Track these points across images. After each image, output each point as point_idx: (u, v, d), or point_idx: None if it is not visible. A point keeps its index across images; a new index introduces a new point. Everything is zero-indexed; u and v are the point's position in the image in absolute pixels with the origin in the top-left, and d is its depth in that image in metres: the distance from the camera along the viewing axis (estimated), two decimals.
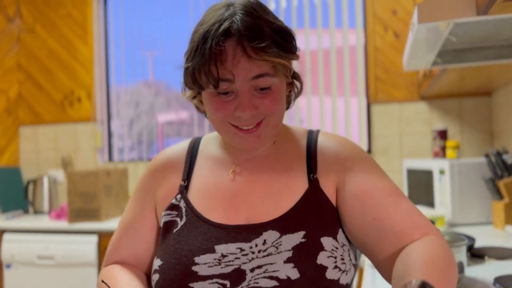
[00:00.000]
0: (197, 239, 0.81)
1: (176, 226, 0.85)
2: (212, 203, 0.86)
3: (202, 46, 0.76)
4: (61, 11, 3.31)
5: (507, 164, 1.85)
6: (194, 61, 0.77)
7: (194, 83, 0.80)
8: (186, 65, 0.80)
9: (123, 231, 0.93)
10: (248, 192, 0.86)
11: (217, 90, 0.78)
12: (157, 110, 3.28)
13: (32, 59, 3.36)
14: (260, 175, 0.87)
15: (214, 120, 0.83)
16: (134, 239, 0.92)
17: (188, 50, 0.81)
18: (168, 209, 0.88)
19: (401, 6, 2.72)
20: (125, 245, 0.92)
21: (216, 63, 0.75)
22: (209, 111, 0.82)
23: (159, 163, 0.95)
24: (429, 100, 2.68)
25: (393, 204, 0.79)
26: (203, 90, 0.81)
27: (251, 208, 0.84)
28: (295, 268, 0.76)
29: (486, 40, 1.33)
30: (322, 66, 2.89)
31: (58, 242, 2.45)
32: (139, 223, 0.92)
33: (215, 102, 0.80)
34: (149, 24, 3.24)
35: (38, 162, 3.35)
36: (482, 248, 1.49)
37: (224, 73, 0.76)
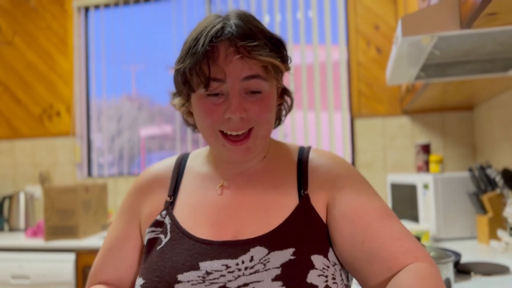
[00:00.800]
0: (181, 255, 0.78)
1: (159, 243, 0.82)
2: (198, 219, 0.83)
3: (194, 47, 0.76)
4: (41, 24, 3.26)
5: (490, 179, 1.85)
6: (185, 61, 0.77)
7: (185, 84, 0.79)
8: (177, 67, 0.79)
9: (107, 250, 0.91)
10: (236, 207, 0.83)
11: (208, 90, 0.77)
12: (140, 124, 3.22)
13: (10, 72, 3.29)
14: (249, 190, 0.84)
15: (203, 128, 0.81)
16: (118, 258, 0.89)
17: (180, 54, 0.81)
18: (152, 225, 0.85)
19: (384, 21, 2.74)
20: (108, 265, 0.89)
21: (208, 62, 0.75)
22: (199, 116, 0.80)
23: (145, 180, 0.92)
24: (412, 114, 2.69)
25: (383, 227, 0.76)
26: (193, 92, 0.79)
27: (239, 223, 0.80)
28: (284, 286, 0.72)
29: (470, 54, 1.34)
30: (306, 81, 2.88)
31: (34, 261, 2.36)
32: (122, 242, 0.89)
33: (205, 105, 0.78)
34: (132, 38, 3.21)
35: (14, 177, 3.25)
36: (468, 264, 1.47)
37: (215, 72, 0.75)
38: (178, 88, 0.83)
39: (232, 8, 2.98)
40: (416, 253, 0.74)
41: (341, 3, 2.83)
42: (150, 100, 3.28)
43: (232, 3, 3.03)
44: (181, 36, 3.10)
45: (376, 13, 2.76)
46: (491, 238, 1.79)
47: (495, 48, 1.29)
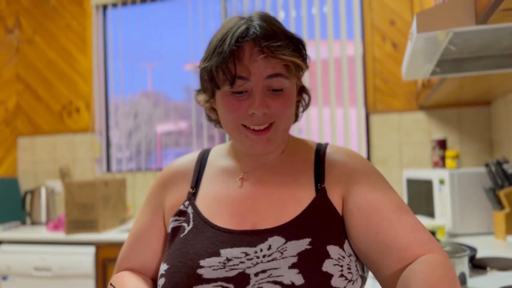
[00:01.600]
0: (203, 243, 0.82)
1: (183, 231, 0.86)
2: (219, 209, 0.87)
3: (220, 46, 0.80)
4: (60, 23, 3.32)
5: (507, 174, 1.84)
6: (212, 60, 0.81)
7: (211, 81, 0.83)
8: (203, 65, 0.84)
9: (133, 239, 0.95)
10: (255, 198, 0.86)
11: (233, 88, 0.81)
12: (156, 121, 3.27)
13: (31, 70, 3.36)
14: (268, 183, 0.88)
15: (227, 122, 0.85)
16: (143, 247, 0.93)
17: (206, 53, 0.85)
18: (176, 215, 0.89)
19: (399, 16, 2.73)
20: (134, 253, 0.94)
21: (234, 61, 0.79)
22: (223, 111, 0.85)
23: (169, 173, 0.97)
24: (428, 109, 2.68)
25: (397, 220, 0.79)
26: (218, 89, 0.84)
27: (257, 214, 0.84)
28: (300, 274, 0.75)
29: (485, 49, 1.33)
30: (321, 76, 2.89)
31: (55, 254, 2.43)
32: (147, 231, 0.94)
33: (229, 101, 0.83)
34: (148, 35, 3.25)
35: (35, 172, 3.33)
36: (484, 259, 1.47)
37: (241, 70, 0.80)
38: (204, 85, 0.87)
39: (248, 4, 3.00)
40: (429, 245, 0.76)
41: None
42: (166, 97, 3.32)
43: (248, 2, 3.05)
44: (196, 34, 3.13)
45: (391, 9, 2.75)
46: (508, 234, 1.78)
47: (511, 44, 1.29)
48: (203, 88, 0.89)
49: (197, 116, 3.14)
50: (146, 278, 0.93)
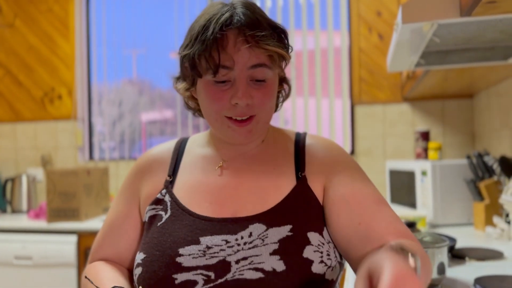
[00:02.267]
0: (182, 231, 0.81)
1: (160, 220, 0.84)
2: (197, 197, 0.85)
3: (203, 33, 0.77)
4: (42, 6, 3.25)
5: (488, 166, 1.86)
6: (194, 47, 0.78)
7: (193, 69, 0.81)
8: (185, 52, 0.81)
9: (107, 228, 0.94)
10: (235, 186, 0.86)
11: (216, 77, 0.79)
12: (140, 109, 3.24)
13: (11, 55, 3.29)
14: (248, 172, 0.87)
15: (209, 111, 0.83)
16: (117, 236, 0.92)
17: (187, 39, 0.82)
18: (152, 203, 0.88)
19: (386, 7, 2.73)
20: (108, 243, 0.93)
21: (218, 49, 0.77)
22: (205, 101, 0.83)
23: (145, 161, 0.95)
24: (412, 101, 2.70)
25: (378, 211, 0.81)
26: (200, 78, 0.82)
27: (237, 202, 0.84)
28: (281, 260, 0.75)
29: (470, 42, 1.34)
30: (307, 67, 2.89)
31: (36, 242, 2.40)
32: (121, 220, 0.92)
33: (212, 91, 0.81)
34: (133, 22, 3.20)
35: (16, 160, 3.28)
36: (463, 249, 1.50)
37: (224, 59, 0.77)
38: (184, 73, 0.85)
39: None
40: (406, 236, 0.78)
41: None
42: (151, 85, 3.29)
43: None
44: (182, 21, 3.09)
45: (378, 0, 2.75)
46: (487, 225, 1.81)
47: (495, 36, 1.29)
48: (183, 76, 0.87)
49: (183, 105, 3.11)
50: (121, 268, 0.92)
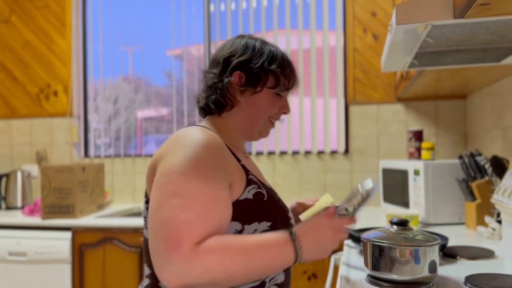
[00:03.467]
0: (281, 203, 1.08)
1: (263, 196, 1.01)
2: (262, 179, 1.08)
3: (287, 61, 1.09)
4: (38, 3, 3.24)
5: (480, 166, 1.89)
6: (281, 67, 1.06)
7: (277, 82, 1.06)
8: (274, 68, 1.05)
9: (213, 203, 0.88)
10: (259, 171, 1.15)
11: (283, 92, 1.08)
12: (136, 106, 3.24)
13: (7, 51, 3.28)
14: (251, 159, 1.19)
15: (264, 113, 1.07)
16: (223, 210, 0.90)
17: (274, 59, 1.06)
18: (249, 184, 1.00)
19: (381, 8, 2.75)
20: (216, 217, 0.88)
21: (295, 76, 1.11)
22: (265, 105, 1.06)
23: (221, 147, 0.99)
24: (405, 101, 2.73)
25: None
26: (274, 89, 1.06)
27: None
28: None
29: (463, 43, 1.36)
30: (302, 66, 2.90)
31: (30, 238, 2.40)
32: (225, 195, 0.92)
33: (275, 100, 1.07)
34: (130, 19, 3.20)
35: (11, 156, 3.27)
36: (454, 248, 1.52)
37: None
38: (255, 80, 1.04)
39: None
40: None
41: None
42: (147, 82, 3.29)
43: None
44: (179, 20, 3.10)
45: (373, 0, 2.77)
46: (479, 224, 1.83)
47: (488, 38, 1.31)
48: (253, 80, 1.04)
49: (178, 103, 3.12)
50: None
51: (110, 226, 2.38)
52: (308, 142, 2.90)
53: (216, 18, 3.07)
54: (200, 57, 3.12)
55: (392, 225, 1.16)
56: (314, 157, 2.86)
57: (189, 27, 3.11)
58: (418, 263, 1.08)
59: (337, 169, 2.82)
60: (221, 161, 0.95)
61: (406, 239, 1.11)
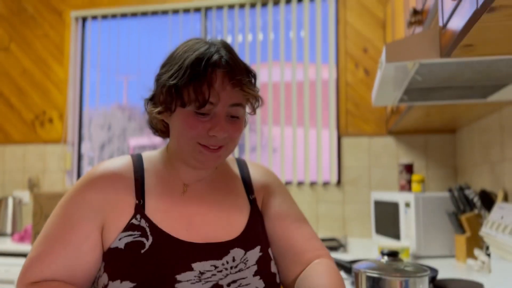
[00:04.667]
0: (173, 257, 0.83)
1: (142, 246, 0.83)
2: (173, 222, 0.88)
3: (195, 68, 0.84)
4: (38, 31, 3.30)
5: (469, 199, 1.92)
6: (182, 79, 0.84)
7: (178, 99, 0.86)
8: (173, 82, 0.85)
9: (59, 246, 0.83)
10: (204, 212, 0.92)
11: (199, 109, 0.85)
12: (129, 134, 3.26)
13: (4, 78, 3.32)
14: (211, 196, 0.95)
15: (184, 137, 0.88)
16: (74, 257, 0.83)
17: (173, 68, 0.87)
18: (127, 229, 0.84)
19: (372, 44, 2.84)
20: (61, 262, 0.83)
21: (208, 86, 0.84)
22: (183, 128, 0.87)
23: (107, 178, 0.89)
24: (396, 135, 2.78)
25: (297, 229, 0.97)
26: (183, 107, 0.86)
27: (209, 227, 0.90)
28: (261, 279, 0.89)
29: (450, 80, 1.41)
30: (296, 97, 2.96)
31: (20, 266, 2.37)
32: (81, 241, 0.84)
33: (192, 120, 0.86)
34: (127, 49, 3.26)
35: (3, 182, 3.26)
36: (444, 280, 1.53)
37: (212, 96, 0.84)
38: (164, 98, 0.89)
39: (228, 24, 3.06)
40: (321, 251, 0.95)
41: (332, 25, 2.93)
42: (141, 111, 3.32)
43: (228, 22, 3.11)
44: None
45: (365, 37, 2.86)
46: (468, 257, 1.85)
47: (474, 76, 1.37)
48: (161, 101, 0.90)
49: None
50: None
51: None
52: (301, 172, 2.93)
53: None
54: None
55: (383, 256, 1.18)
56: (307, 187, 2.88)
57: None
58: None
59: (329, 200, 2.84)
60: (100, 198, 0.86)
61: (396, 270, 1.13)
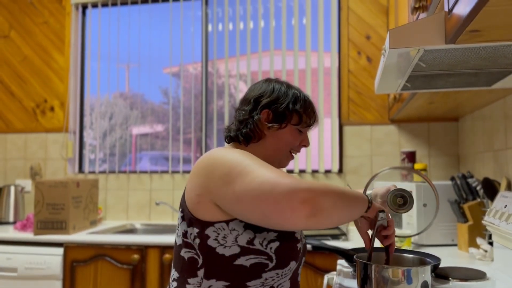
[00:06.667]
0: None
1: None
2: None
3: (308, 102, 1.23)
4: (38, 19, 3.28)
5: (471, 188, 1.91)
6: (302, 107, 1.20)
7: (300, 120, 1.20)
8: (297, 108, 1.19)
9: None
10: None
11: (307, 128, 1.23)
12: (131, 123, 3.25)
13: (4, 65, 3.30)
14: None
15: (284, 146, 1.20)
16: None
17: (298, 100, 1.21)
18: None
19: (375, 31, 2.81)
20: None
21: (315, 114, 1.25)
22: (287, 139, 1.20)
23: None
24: (398, 123, 2.76)
25: None
26: (297, 125, 1.20)
27: None
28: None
29: (454, 67, 1.39)
30: (297, 86, 2.94)
31: (22, 254, 2.38)
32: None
33: (295, 135, 1.21)
34: (127, 37, 3.24)
35: (5, 170, 3.26)
36: (446, 269, 1.52)
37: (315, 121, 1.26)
38: (281, 117, 1.19)
39: (229, 13, 3.03)
40: None
41: (334, 12, 2.90)
42: (143, 99, 3.31)
43: (229, 9, 3.08)
44: (177, 38, 3.14)
45: (368, 24, 2.83)
46: (471, 246, 1.85)
47: (478, 63, 1.35)
48: (279, 117, 1.19)
49: (174, 120, 3.14)
50: None
51: (102, 242, 2.37)
52: (302, 161, 2.92)
53: (213, 37, 3.12)
54: (197, 75, 3.16)
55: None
56: (308, 176, 2.88)
57: (187, 46, 3.15)
58: (410, 284, 1.08)
59: None
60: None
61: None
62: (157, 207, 3.05)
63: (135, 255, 2.32)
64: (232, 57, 3.07)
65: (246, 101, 1.24)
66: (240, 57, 3.05)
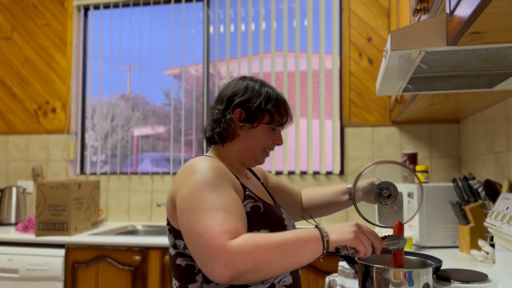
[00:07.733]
0: (278, 213, 1.21)
1: (259, 208, 1.15)
2: (260, 195, 1.24)
3: (280, 100, 1.24)
4: (40, 21, 3.29)
5: (473, 189, 1.91)
6: (274, 106, 1.22)
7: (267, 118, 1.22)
8: (269, 107, 1.21)
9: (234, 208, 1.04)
10: (262, 188, 1.36)
11: (278, 127, 1.25)
12: (133, 124, 3.26)
13: (7, 67, 3.31)
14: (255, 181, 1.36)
15: (257, 144, 1.22)
16: (242, 209, 1.07)
17: (270, 99, 1.22)
18: (246, 199, 1.14)
19: (376, 33, 2.81)
20: (241, 220, 1.03)
21: (288, 113, 1.28)
22: (260, 138, 1.22)
23: (223, 167, 1.15)
24: (400, 125, 2.76)
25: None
26: (269, 124, 1.22)
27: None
28: None
29: (456, 69, 1.39)
30: (299, 88, 2.94)
31: (23, 255, 2.38)
32: (237, 199, 1.07)
33: (269, 133, 1.24)
34: (129, 39, 3.25)
35: (7, 172, 3.27)
36: (448, 271, 1.52)
37: (288, 120, 1.28)
38: (252, 117, 1.20)
39: (230, 15, 3.03)
40: None
41: (335, 14, 2.90)
42: (145, 101, 3.31)
43: (230, 11, 3.08)
44: (178, 40, 3.14)
45: (369, 25, 2.83)
46: (472, 248, 1.84)
47: (480, 65, 1.34)
48: (251, 117, 1.20)
49: (175, 121, 3.14)
50: None
51: (103, 243, 2.37)
52: (304, 162, 2.92)
53: (215, 39, 3.12)
54: (198, 76, 3.16)
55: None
56: (309, 177, 2.88)
57: (189, 48, 3.16)
58: (412, 286, 1.08)
59: None
60: (226, 177, 1.11)
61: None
62: (158, 208, 3.05)
63: (136, 256, 2.32)
64: (234, 59, 3.08)
65: (220, 100, 1.25)
66: (241, 58, 3.05)
